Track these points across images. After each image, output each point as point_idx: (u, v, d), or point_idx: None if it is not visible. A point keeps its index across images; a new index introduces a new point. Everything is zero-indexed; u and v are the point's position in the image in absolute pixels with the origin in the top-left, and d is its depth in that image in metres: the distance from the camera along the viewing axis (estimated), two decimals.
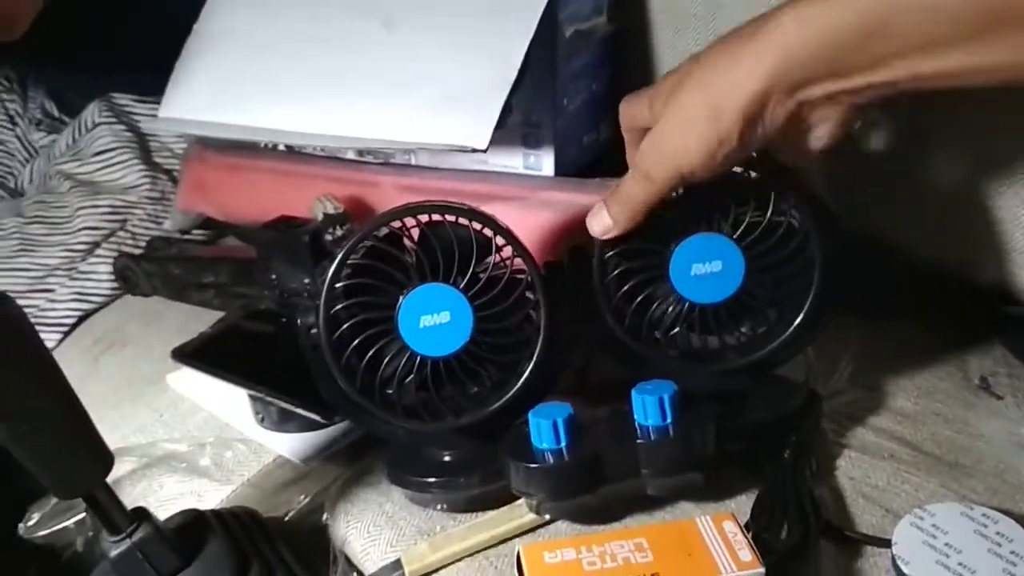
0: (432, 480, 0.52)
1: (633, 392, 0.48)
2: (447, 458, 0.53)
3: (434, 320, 0.49)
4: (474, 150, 0.64)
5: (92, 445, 0.43)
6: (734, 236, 0.50)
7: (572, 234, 0.61)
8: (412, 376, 0.49)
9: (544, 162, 0.73)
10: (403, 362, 0.49)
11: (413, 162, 0.77)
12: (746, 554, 0.43)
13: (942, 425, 0.55)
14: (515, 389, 0.50)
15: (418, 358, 0.49)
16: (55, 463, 0.42)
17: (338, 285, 0.49)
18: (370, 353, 0.49)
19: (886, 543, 0.46)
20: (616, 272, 0.51)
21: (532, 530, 0.51)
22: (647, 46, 0.77)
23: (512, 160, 0.74)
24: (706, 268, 0.50)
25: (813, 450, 0.53)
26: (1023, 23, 0.37)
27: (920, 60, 0.39)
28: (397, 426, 0.50)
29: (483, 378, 0.51)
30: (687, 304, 0.50)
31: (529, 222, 0.65)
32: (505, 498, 0.51)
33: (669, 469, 0.48)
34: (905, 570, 0.44)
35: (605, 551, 0.43)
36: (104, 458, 0.44)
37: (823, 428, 0.55)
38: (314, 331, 0.50)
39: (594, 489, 0.47)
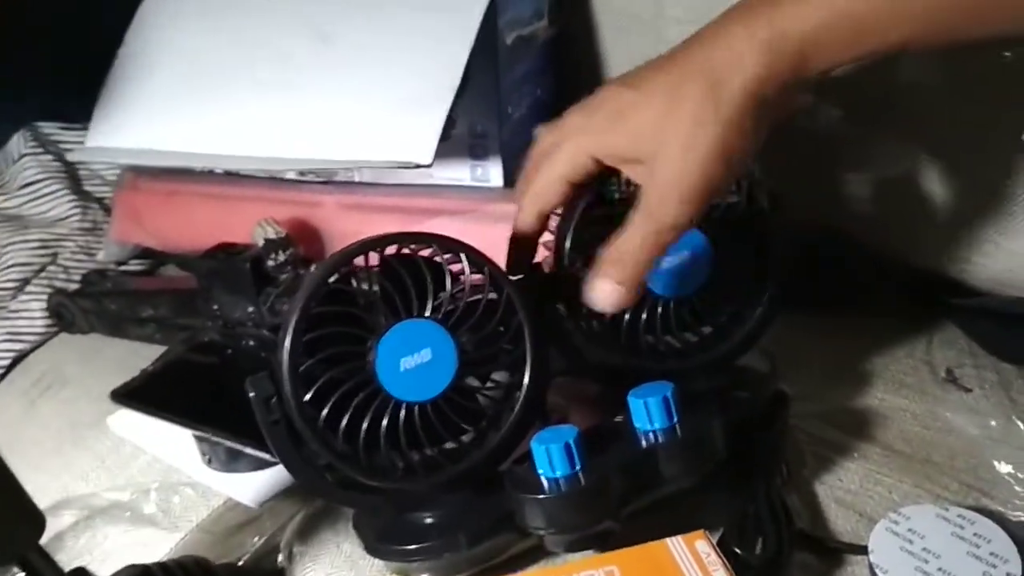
0: (416, 548, 0.46)
1: (630, 398, 0.45)
2: (430, 520, 0.47)
3: (415, 360, 0.44)
4: (418, 165, 0.62)
5: (22, 509, 0.40)
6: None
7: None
8: (401, 426, 0.44)
9: (492, 173, 0.71)
10: (388, 413, 0.44)
11: (356, 179, 0.75)
12: (721, 574, 0.41)
13: (911, 422, 0.54)
14: (514, 415, 0.47)
15: (403, 406, 0.44)
16: None
17: (301, 341, 0.42)
18: (348, 415, 0.43)
19: (863, 550, 0.45)
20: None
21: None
22: (591, 48, 0.76)
23: (459, 173, 0.72)
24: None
25: (783, 455, 0.51)
26: None
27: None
28: (390, 489, 0.45)
29: (475, 416, 0.47)
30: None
31: (479, 236, 0.63)
32: (493, 555, 0.47)
33: (690, 469, 0.45)
34: None
35: None
36: (35, 520, 0.41)
37: (792, 430, 0.54)
38: (274, 401, 0.43)
39: (619, 509, 0.44)
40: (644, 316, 0.49)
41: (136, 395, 0.64)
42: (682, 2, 0.67)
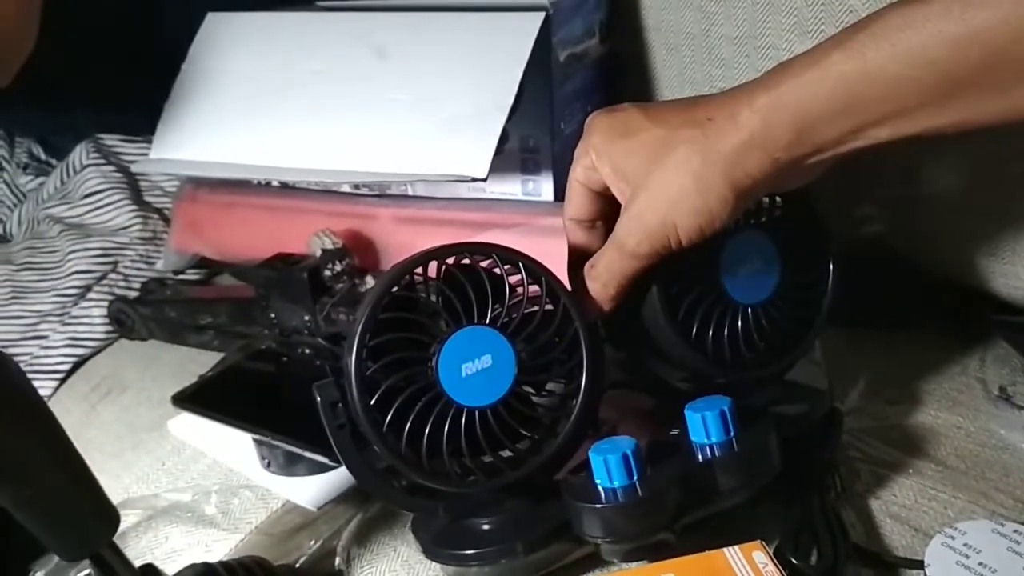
0: (474, 553, 0.47)
1: (687, 411, 0.46)
2: (487, 526, 0.48)
3: (476, 366, 0.45)
4: (474, 179, 0.63)
5: (98, 506, 0.42)
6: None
7: None
8: (463, 431, 0.45)
9: (543, 187, 0.73)
10: (450, 418, 0.45)
11: (410, 192, 0.76)
12: None
13: (965, 439, 0.54)
14: (570, 423, 0.47)
15: (464, 411, 0.45)
16: (60, 527, 0.40)
17: (368, 345, 0.44)
18: (412, 418, 0.44)
19: (919, 564, 0.45)
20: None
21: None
22: (641, 66, 0.77)
23: (511, 187, 0.73)
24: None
25: (837, 469, 0.52)
26: (984, 86, 0.38)
27: (887, 128, 0.40)
28: (449, 494, 0.46)
29: (533, 423, 0.48)
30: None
31: (530, 249, 0.64)
32: (549, 563, 0.48)
33: (747, 483, 0.45)
34: None
35: None
36: (110, 517, 0.43)
37: (845, 447, 0.54)
38: (340, 406, 0.45)
39: (675, 521, 0.44)
40: (727, 325, 0.50)
41: (196, 399, 0.66)
42: (732, 20, 0.68)
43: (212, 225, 0.83)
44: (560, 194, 0.72)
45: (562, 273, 0.49)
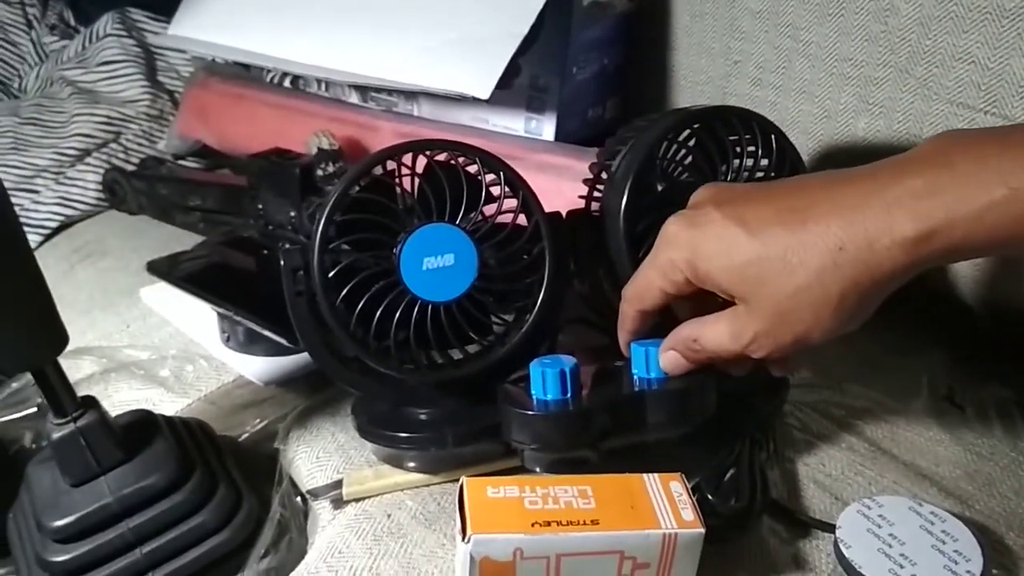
0: (406, 437, 0.49)
1: (633, 345, 0.47)
2: (424, 416, 0.50)
3: (437, 263, 0.46)
4: (475, 99, 0.63)
5: (47, 319, 0.43)
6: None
7: (568, 200, 0.60)
8: (413, 321, 0.46)
9: (545, 128, 0.73)
10: (403, 306, 0.46)
11: (415, 113, 0.77)
12: (688, 514, 0.42)
13: (904, 427, 0.55)
14: (519, 335, 0.48)
15: (418, 302, 0.46)
16: (6, 330, 0.41)
17: (336, 219, 0.45)
18: (366, 298, 0.45)
19: (831, 528, 0.46)
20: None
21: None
22: (663, 29, 0.77)
23: (514, 122, 0.74)
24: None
25: (773, 430, 0.53)
26: None
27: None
28: (389, 377, 0.47)
29: (483, 328, 0.49)
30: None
31: None
32: (474, 461, 0.50)
33: (675, 420, 0.46)
34: (846, 553, 0.44)
35: (548, 493, 0.42)
36: (58, 336, 0.44)
37: (786, 414, 0.55)
38: (301, 273, 0.46)
39: (599, 441, 0.46)
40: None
41: (170, 269, 0.67)
42: None
43: (219, 114, 0.84)
44: (562, 135, 0.73)
45: (547, 204, 0.49)
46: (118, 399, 0.60)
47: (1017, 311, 0.60)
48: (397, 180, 0.47)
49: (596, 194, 0.53)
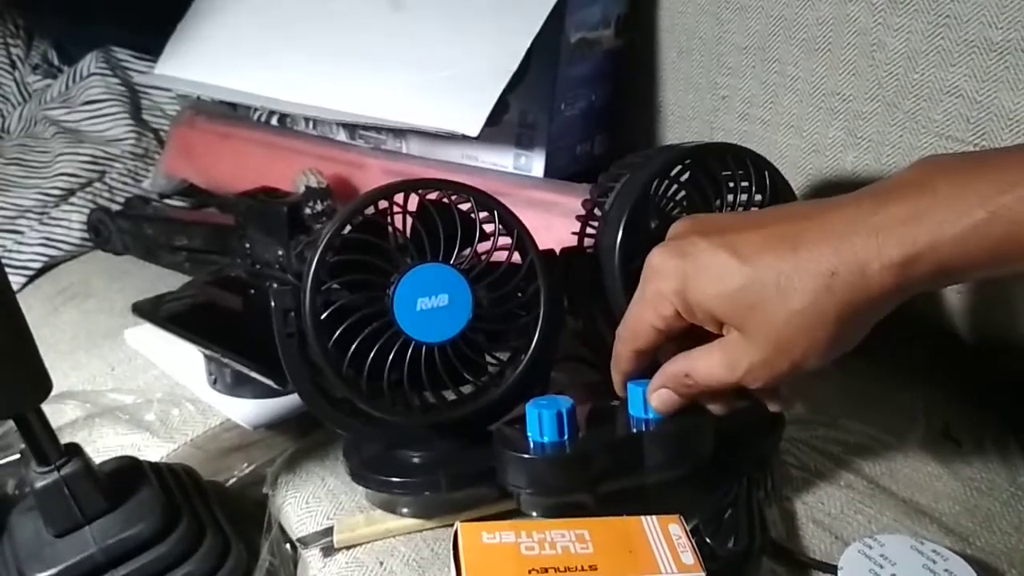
0: (399, 481, 0.47)
1: (630, 385, 0.46)
2: (417, 460, 0.49)
3: (432, 303, 0.45)
4: (465, 136, 0.63)
5: (30, 366, 0.42)
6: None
7: (558, 236, 0.60)
8: (407, 363, 0.45)
9: (535, 164, 0.73)
10: (396, 348, 0.45)
11: (404, 151, 0.77)
12: (688, 557, 0.41)
13: (901, 462, 0.55)
14: (515, 375, 0.48)
15: (412, 343, 0.45)
16: None
17: (328, 259, 0.44)
18: (359, 340, 0.44)
19: (832, 568, 0.45)
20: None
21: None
22: (650, 65, 0.78)
23: (503, 159, 0.74)
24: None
25: (771, 469, 0.52)
26: None
27: None
28: (381, 419, 0.46)
29: (478, 368, 0.48)
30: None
31: None
32: (470, 505, 0.49)
33: (673, 461, 0.45)
34: None
35: (545, 538, 0.42)
36: (42, 383, 0.43)
37: (783, 452, 0.54)
38: (292, 315, 0.45)
39: (596, 484, 0.45)
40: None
41: (156, 310, 0.66)
42: (745, 30, 0.69)
43: (205, 153, 0.84)
44: (551, 171, 0.72)
45: (537, 240, 0.49)
46: (102, 444, 0.59)
47: (1007, 340, 0.60)
48: (389, 220, 0.46)
49: (590, 231, 0.53)
